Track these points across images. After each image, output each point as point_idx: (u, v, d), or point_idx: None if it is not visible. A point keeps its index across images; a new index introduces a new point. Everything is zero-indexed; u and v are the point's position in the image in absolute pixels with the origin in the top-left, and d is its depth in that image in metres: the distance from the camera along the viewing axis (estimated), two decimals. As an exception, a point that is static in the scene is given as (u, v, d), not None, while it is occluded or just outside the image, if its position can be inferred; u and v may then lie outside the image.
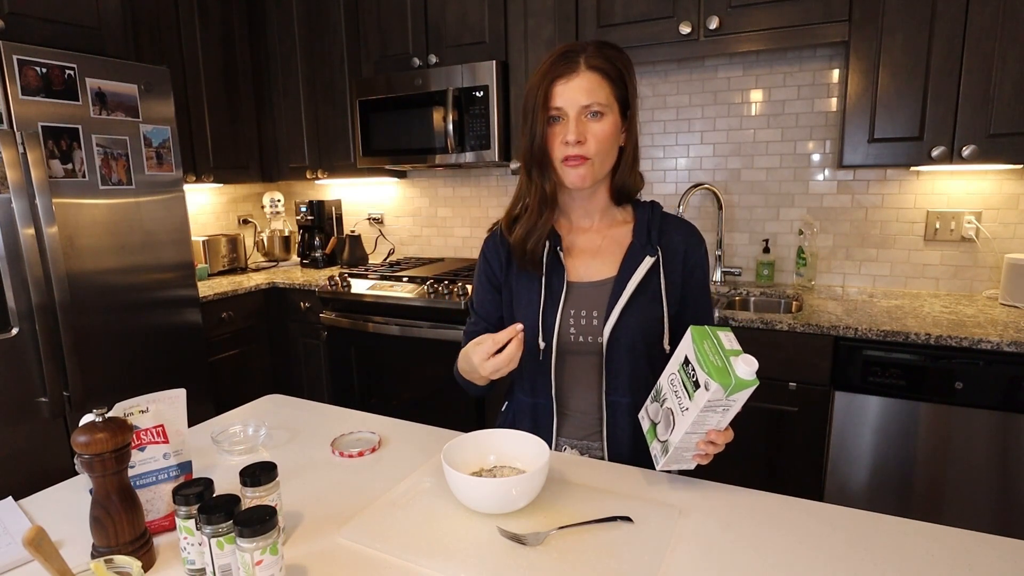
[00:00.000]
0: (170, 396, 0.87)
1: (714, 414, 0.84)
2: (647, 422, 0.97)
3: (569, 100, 0.98)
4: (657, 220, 1.09)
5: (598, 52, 1.00)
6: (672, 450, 0.88)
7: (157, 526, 0.85)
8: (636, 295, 1.04)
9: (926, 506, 1.72)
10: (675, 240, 1.08)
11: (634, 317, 1.03)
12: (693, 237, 1.10)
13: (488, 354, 0.92)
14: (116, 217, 2.11)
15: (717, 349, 0.85)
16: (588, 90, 0.98)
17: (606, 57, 1.00)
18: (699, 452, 0.90)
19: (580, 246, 1.11)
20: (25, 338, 1.88)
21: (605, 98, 0.99)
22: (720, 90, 2.38)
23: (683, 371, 0.88)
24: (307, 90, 2.94)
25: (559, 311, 1.06)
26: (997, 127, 1.74)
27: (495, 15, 2.40)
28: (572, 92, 0.98)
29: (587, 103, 0.98)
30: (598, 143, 0.99)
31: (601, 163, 1.02)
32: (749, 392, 0.82)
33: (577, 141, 0.98)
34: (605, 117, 0.99)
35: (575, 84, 0.98)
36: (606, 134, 1.00)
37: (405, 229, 3.23)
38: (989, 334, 1.60)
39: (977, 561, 0.74)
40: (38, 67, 1.86)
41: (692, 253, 1.08)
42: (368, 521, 0.85)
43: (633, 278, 1.03)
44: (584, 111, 0.99)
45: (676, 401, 0.88)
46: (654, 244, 1.06)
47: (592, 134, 0.99)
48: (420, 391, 2.45)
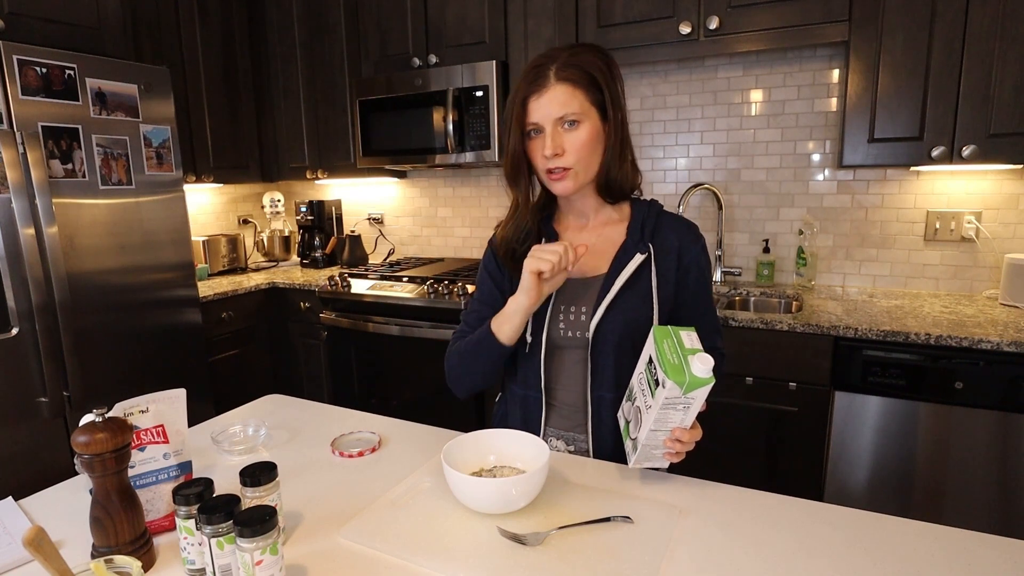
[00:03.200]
0: (170, 396, 0.87)
1: (675, 412, 0.86)
2: (623, 420, 0.99)
3: (543, 115, 0.99)
4: (652, 218, 1.09)
5: (569, 61, 0.99)
6: (640, 447, 0.90)
7: (157, 526, 0.85)
8: (625, 292, 1.04)
9: (926, 506, 1.72)
10: (669, 238, 1.08)
11: (621, 314, 1.04)
12: (688, 235, 1.09)
13: (556, 256, 0.95)
14: (116, 217, 2.11)
15: (676, 348, 0.86)
16: (560, 102, 0.98)
17: (577, 64, 0.99)
18: (668, 450, 0.91)
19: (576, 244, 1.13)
20: (25, 338, 1.88)
21: (579, 106, 0.99)
22: (720, 90, 2.38)
23: (648, 370, 0.90)
24: (307, 90, 2.94)
25: (550, 305, 1.08)
26: (997, 127, 1.74)
27: (495, 15, 2.40)
28: (544, 107, 0.99)
29: (560, 115, 0.99)
30: (576, 152, 1.00)
31: (584, 169, 1.03)
32: (706, 390, 0.83)
33: (555, 154, 1.00)
34: (581, 125, 1.00)
35: (546, 99, 0.99)
36: (583, 141, 1.00)
37: (405, 229, 3.23)
38: (989, 334, 1.60)
39: (977, 561, 0.74)
40: (38, 67, 1.86)
41: (687, 252, 1.08)
42: (368, 521, 0.85)
43: (622, 275, 1.04)
44: (559, 123, 0.99)
45: (643, 399, 0.90)
46: (646, 242, 1.06)
47: (569, 144, 1.00)
48: (420, 391, 2.45)
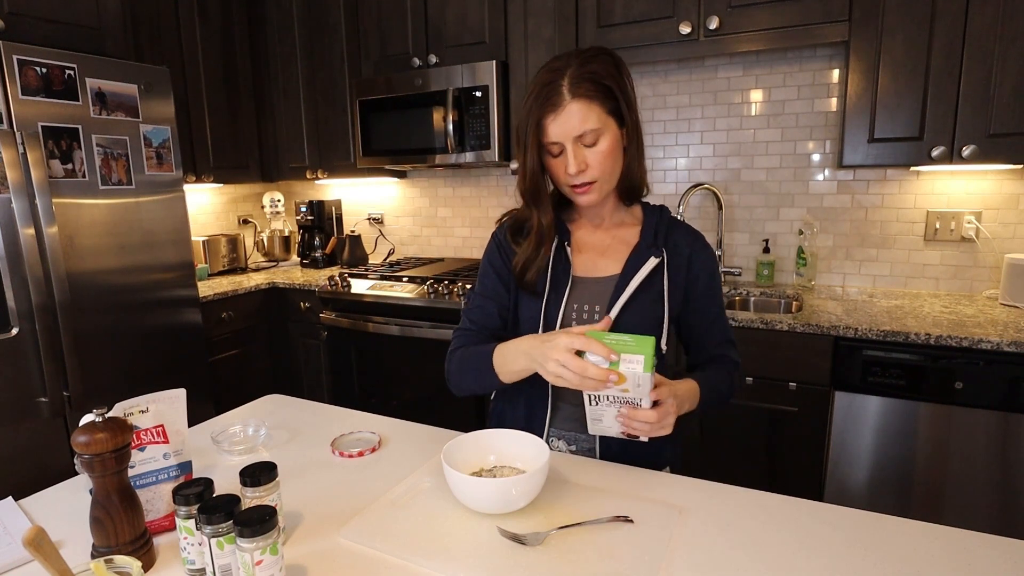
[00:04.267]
0: (170, 396, 0.87)
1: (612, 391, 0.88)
2: None
3: (562, 133, 0.98)
4: (665, 223, 1.11)
5: (580, 74, 0.97)
6: (588, 414, 0.94)
7: (157, 526, 0.85)
8: (639, 294, 1.04)
9: (926, 506, 1.72)
10: (681, 244, 1.10)
11: (635, 315, 1.04)
12: (698, 242, 1.11)
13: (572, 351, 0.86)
14: (116, 217, 2.11)
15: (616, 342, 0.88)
16: (579, 120, 0.97)
17: (590, 77, 0.97)
18: (623, 428, 0.92)
19: (589, 243, 1.13)
20: (25, 338, 1.88)
21: (596, 120, 0.97)
22: (720, 90, 2.38)
23: None
24: (307, 90, 2.94)
25: (563, 304, 1.07)
26: (997, 127, 1.74)
27: (495, 15, 2.40)
28: (562, 126, 0.97)
29: (580, 132, 0.97)
30: (600, 165, 1.00)
31: (608, 180, 1.03)
32: (637, 371, 0.84)
33: (579, 171, 0.99)
34: (602, 137, 0.99)
35: (563, 117, 0.97)
36: (606, 154, 1.00)
37: (405, 229, 3.23)
38: (989, 334, 1.60)
39: (977, 561, 0.74)
40: (38, 67, 1.86)
41: (697, 258, 1.10)
42: (368, 521, 0.85)
43: (637, 276, 1.04)
44: (579, 140, 0.99)
45: None
46: (660, 245, 1.07)
47: (592, 159, 0.99)
48: (420, 391, 2.45)
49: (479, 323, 1.13)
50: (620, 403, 0.89)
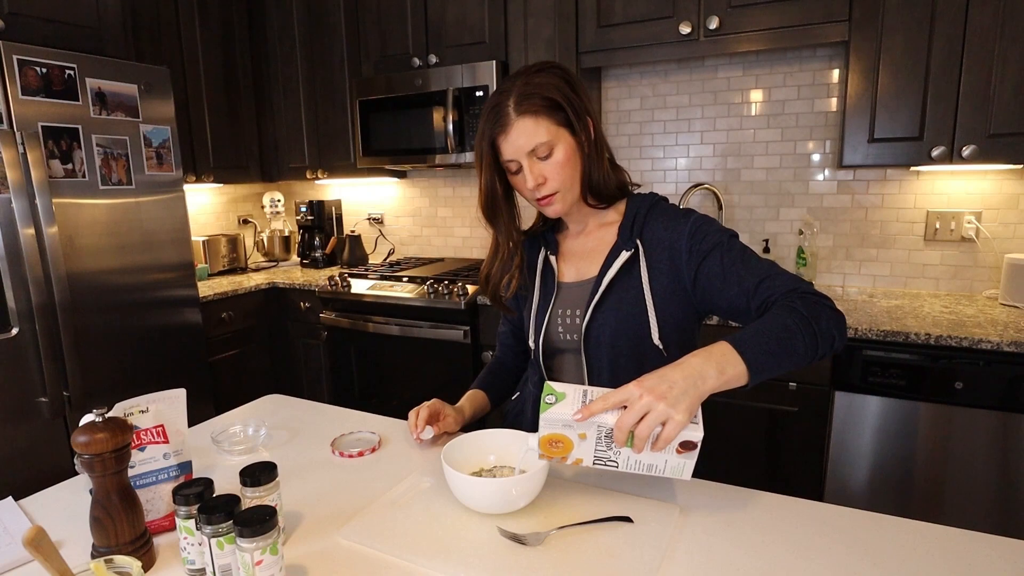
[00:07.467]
0: (170, 396, 0.87)
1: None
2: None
3: (514, 151, 1.00)
4: (643, 214, 1.07)
5: (523, 92, 0.98)
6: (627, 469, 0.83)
7: (157, 526, 0.85)
8: (613, 291, 1.04)
9: (926, 506, 1.71)
10: (657, 231, 1.05)
11: (611, 313, 1.04)
12: (673, 221, 1.04)
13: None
14: (116, 217, 2.11)
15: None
16: (527, 136, 0.98)
17: (533, 93, 0.97)
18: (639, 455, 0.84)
19: (574, 250, 1.15)
20: (25, 338, 1.88)
21: (546, 133, 0.98)
22: (720, 90, 2.38)
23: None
24: (307, 90, 2.94)
25: (548, 311, 1.11)
26: (997, 127, 1.74)
27: (495, 15, 2.40)
28: (513, 143, 0.99)
29: (531, 147, 0.99)
30: (558, 176, 1.01)
31: (570, 188, 1.04)
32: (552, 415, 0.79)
33: (537, 184, 1.01)
34: (556, 149, 1.00)
35: (513, 135, 0.99)
36: (562, 164, 1.01)
37: (405, 229, 3.23)
38: (989, 334, 1.60)
39: (977, 561, 0.74)
40: (38, 67, 1.86)
41: (678, 238, 1.02)
42: (368, 521, 0.85)
43: (607, 275, 1.05)
44: (532, 154, 1.00)
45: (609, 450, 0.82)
46: (633, 239, 1.06)
47: (549, 171, 1.01)
48: (420, 391, 2.44)
49: (504, 343, 1.30)
50: (606, 439, 0.79)
